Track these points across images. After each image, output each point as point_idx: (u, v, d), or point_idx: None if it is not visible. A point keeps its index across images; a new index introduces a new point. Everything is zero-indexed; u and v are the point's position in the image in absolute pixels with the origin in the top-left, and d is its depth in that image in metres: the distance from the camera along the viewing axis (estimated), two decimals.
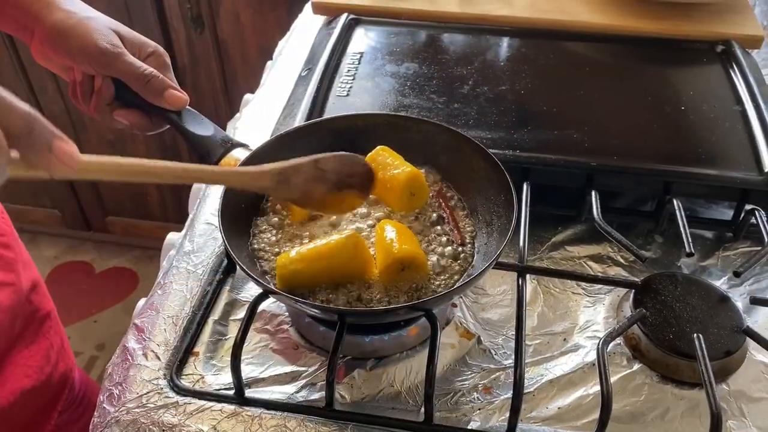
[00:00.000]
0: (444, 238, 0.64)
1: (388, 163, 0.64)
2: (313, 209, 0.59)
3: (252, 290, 0.68)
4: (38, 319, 0.87)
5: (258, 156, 0.65)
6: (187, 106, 0.68)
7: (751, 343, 0.61)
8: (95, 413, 0.59)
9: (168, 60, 0.68)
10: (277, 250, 0.63)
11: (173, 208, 2.02)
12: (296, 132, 0.69)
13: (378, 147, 0.65)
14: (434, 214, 0.66)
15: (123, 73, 0.64)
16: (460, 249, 0.63)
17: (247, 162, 0.64)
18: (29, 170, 0.41)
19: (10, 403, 0.79)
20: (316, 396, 0.59)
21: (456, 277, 0.61)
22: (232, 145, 0.66)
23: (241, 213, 0.64)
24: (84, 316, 1.98)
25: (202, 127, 0.67)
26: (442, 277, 0.61)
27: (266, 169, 0.56)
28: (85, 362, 1.87)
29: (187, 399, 0.58)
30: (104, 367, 1.82)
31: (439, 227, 0.65)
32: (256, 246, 0.63)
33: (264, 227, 0.65)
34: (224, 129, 0.92)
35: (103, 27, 0.64)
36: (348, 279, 0.59)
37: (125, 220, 2.09)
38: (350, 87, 0.84)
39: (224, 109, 1.77)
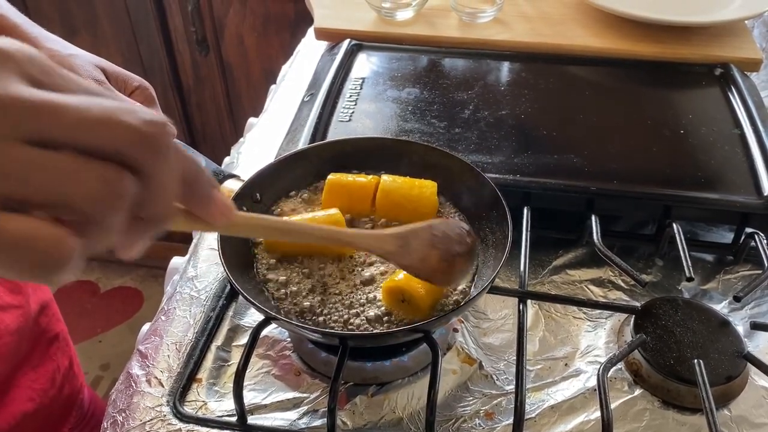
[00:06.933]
0: None
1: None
2: (426, 278, 0.57)
3: (254, 316, 0.69)
4: (46, 341, 0.87)
5: (252, 185, 0.66)
6: (176, 139, 0.68)
7: (752, 369, 0.61)
8: None
9: (154, 93, 0.68)
10: (279, 278, 0.63)
11: None
12: (289, 159, 0.70)
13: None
14: None
15: None
16: None
17: (243, 191, 0.65)
18: (189, 223, 0.37)
19: (11, 426, 0.80)
20: (318, 423, 0.59)
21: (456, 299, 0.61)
22: (224, 176, 0.67)
23: (241, 240, 0.64)
24: (89, 335, 1.98)
25: None
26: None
27: (390, 233, 0.55)
28: (90, 382, 1.87)
29: (190, 426, 0.59)
30: (108, 386, 1.83)
31: None
32: (259, 271, 0.64)
33: (266, 254, 0.65)
34: (228, 152, 0.94)
35: (87, 63, 0.65)
36: (325, 252, 0.61)
37: None
38: (352, 112, 0.85)
39: (228, 129, 1.79)
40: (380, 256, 0.58)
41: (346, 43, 0.97)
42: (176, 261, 0.79)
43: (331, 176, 0.67)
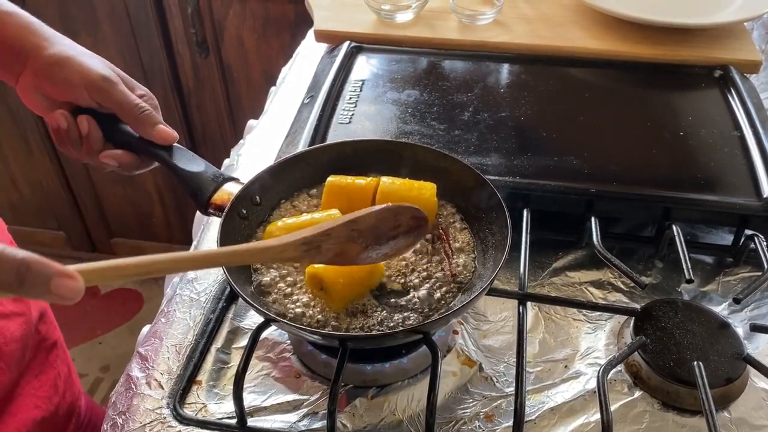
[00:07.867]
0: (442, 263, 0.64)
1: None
2: (350, 265, 0.56)
3: (254, 318, 0.69)
4: (45, 348, 0.87)
5: (252, 187, 0.66)
6: (176, 144, 0.68)
7: (751, 370, 0.61)
8: None
9: (156, 103, 0.69)
10: (279, 281, 0.63)
11: (178, 229, 2.04)
12: (289, 161, 0.70)
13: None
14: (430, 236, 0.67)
15: (118, 102, 0.65)
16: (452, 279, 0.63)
17: (242, 194, 0.65)
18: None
19: None
20: (318, 425, 0.59)
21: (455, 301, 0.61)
22: (223, 179, 0.67)
23: (241, 242, 0.64)
24: (89, 337, 1.98)
25: (193, 164, 0.67)
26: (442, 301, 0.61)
27: (291, 241, 0.52)
28: (90, 384, 1.87)
29: (190, 428, 0.59)
30: (108, 388, 1.83)
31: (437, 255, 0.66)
32: (259, 274, 0.64)
33: None
34: (228, 154, 0.95)
35: (100, 61, 0.67)
36: None
37: (130, 242, 2.11)
38: (352, 114, 0.85)
39: (228, 131, 1.79)
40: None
41: (345, 45, 0.97)
42: None
43: (330, 178, 0.67)
